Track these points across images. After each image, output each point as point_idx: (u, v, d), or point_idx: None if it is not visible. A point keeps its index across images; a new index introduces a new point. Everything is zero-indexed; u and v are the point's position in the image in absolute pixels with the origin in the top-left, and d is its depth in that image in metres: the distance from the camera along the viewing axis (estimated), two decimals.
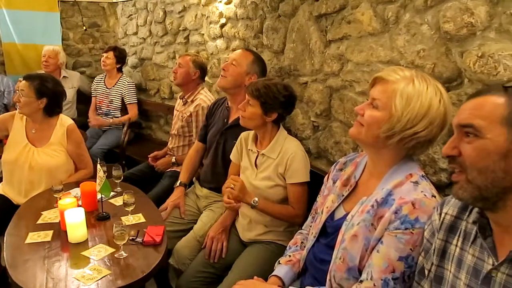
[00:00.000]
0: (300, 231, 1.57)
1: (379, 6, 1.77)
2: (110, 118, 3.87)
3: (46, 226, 1.78)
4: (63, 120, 2.39)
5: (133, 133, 4.00)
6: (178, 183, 2.35)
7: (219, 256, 1.90)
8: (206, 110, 2.54)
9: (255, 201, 1.77)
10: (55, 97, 2.32)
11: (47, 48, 3.90)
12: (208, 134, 2.37)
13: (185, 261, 1.98)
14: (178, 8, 3.49)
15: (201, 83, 2.88)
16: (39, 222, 1.83)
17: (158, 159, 2.92)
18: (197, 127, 2.69)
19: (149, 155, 2.98)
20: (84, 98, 4.20)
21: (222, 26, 2.98)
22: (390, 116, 1.13)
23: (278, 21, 2.42)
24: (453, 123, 0.92)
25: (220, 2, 2.96)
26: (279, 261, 1.48)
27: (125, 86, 3.85)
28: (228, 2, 2.87)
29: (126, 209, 1.82)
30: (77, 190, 2.06)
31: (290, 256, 1.47)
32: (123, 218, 1.85)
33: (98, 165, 1.86)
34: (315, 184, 1.69)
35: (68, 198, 1.83)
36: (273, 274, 1.44)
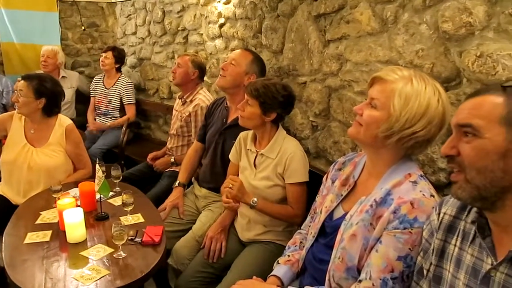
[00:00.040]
0: (299, 231, 1.57)
1: (378, 6, 1.77)
2: (109, 118, 3.86)
3: (45, 226, 1.78)
4: (62, 120, 2.38)
5: (132, 133, 4.00)
6: (177, 183, 2.34)
7: (218, 256, 1.90)
8: (205, 110, 2.54)
9: (254, 201, 1.77)
10: (54, 97, 2.32)
11: (46, 48, 3.90)
12: (207, 134, 2.36)
13: (184, 261, 1.98)
14: (177, 8, 3.49)
15: (200, 83, 2.88)
16: (38, 222, 1.82)
17: (157, 159, 2.92)
18: (196, 127, 2.69)
19: (148, 155, 2.98)
20: (83, 98, 4.19)
21: (221, 26, 2.98)
22: (389, 115, 1.13)
23: (277, 21, 2.42)
24: (451, 123, 0.91)
25: (219, 2, 2.96)
26: (278, 261, 1.48)
27: (123, 86, 3.84)
28: (227, 2, 2.87)
29: (125, 209, 1.82)
30: (76, 190, 2.05)
31: (289, 256, 1.47)
32: (122, 218, 1.85)
33: (97, 165, 1.85)
34: (314, 184, 1.69)
35: (66, 198, 1.83)
36: (272, 274, 1.44)
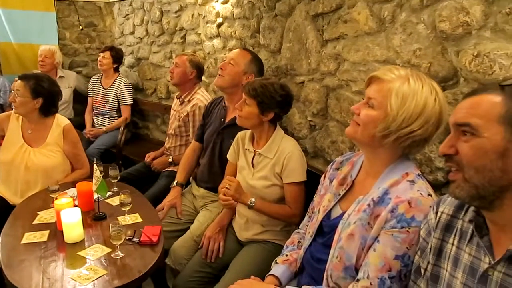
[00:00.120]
0: (297, 231, 1.57)
1: (375, 6, 1.77)
2: (107, 118, 3.85)
3: (42, 226, 1.78)
4: (59, 120, 2.37)
5: (130, 133, 3.98)
6: (174, 183, 2.34)
7: (216, 255, 1.89)
8: (203, 109, 2.53)
9: (252, 201, 1.77)
10: (51, 97, 2.31)
11: (44, 47, 3.89)
12: (205, 134, 2.36)
13: (182, 261, 1.97)
14: (175, 7, 3.48)
15: (198, 83, 2.88)
16: (35, 222, 1.82)
17: (155, 159, 2.92)
18: (194, 127, 2.69)
19: (146, 155, 2.98)
20: (80, 98, 4.18)
21: (219, 25, 2.98)
22: (386, 115, 1.13)
23: (274, 20, 2.42)
24: (449, 122, 0.91)
25: (216, 1, 2.96)
26: (276, 260, 1.48)
27: (121, 87, 3.83)
28: (224, 2, 2.87)
29: (123, 209, 1.82)
30: (73, 190, 2.05)
31: (287, 255, 1.47)
32: (120, 218, 1.84)
33: (95, 165, 1.85)
34: (312, 183, 1.69)
35: (64, 198, 1.83)
36: (270, 273, 1.44)
